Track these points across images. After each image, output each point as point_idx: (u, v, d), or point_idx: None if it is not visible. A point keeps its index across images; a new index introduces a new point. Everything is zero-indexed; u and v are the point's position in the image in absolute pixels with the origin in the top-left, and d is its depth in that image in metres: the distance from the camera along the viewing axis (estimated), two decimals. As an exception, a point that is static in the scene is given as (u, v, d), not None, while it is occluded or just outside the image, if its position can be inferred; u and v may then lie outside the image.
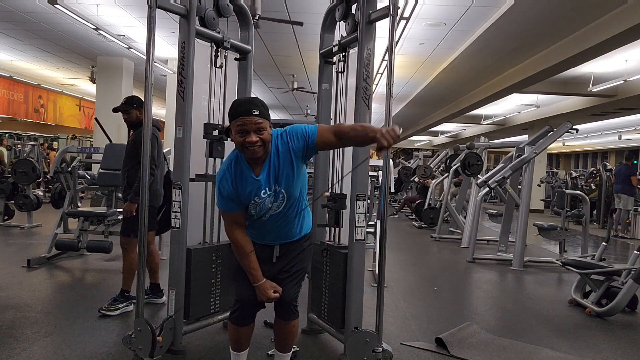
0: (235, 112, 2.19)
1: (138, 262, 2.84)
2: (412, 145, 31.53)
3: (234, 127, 2.19)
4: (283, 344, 2.58)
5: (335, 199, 3.21)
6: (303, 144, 2.25)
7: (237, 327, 2.48)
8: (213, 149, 3.28)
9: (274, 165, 2.27)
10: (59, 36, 9.47)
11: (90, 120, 18.53)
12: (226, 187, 2.25)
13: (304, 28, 7.57)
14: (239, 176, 2.26)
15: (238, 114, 2.17)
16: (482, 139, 9.59)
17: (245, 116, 2.15)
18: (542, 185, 16.05)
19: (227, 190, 2.25)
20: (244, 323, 2.47)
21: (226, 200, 2.27)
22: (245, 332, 2.51)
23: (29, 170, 7.72)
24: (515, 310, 4.54)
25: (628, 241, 9.42)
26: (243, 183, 2.26)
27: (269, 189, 2.28)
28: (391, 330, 3.64)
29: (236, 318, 2.46)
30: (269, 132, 2.22)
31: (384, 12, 2.72)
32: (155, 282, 4.05)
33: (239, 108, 2.19)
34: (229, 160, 2.31)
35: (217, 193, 2.32)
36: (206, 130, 3.25)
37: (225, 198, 2.27)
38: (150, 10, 2.68)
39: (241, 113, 2.17)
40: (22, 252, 5.77)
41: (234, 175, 2.26)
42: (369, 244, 5.66)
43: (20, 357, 2.93)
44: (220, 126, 3.31)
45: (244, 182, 2.26)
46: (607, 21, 6.57)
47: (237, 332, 2.50)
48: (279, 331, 2.56)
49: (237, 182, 2.26)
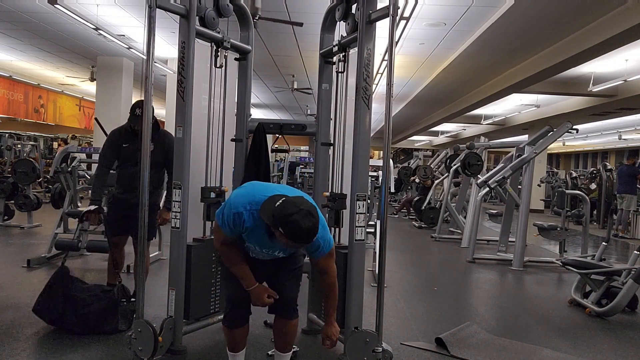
0: (295, 238, 2.11)
1: (138, 262, 2.84)
2: (412, 145, 31.53)
3: (285, 238, 2.12)
4: (283, 343, 2.58)
5: (335, 198, 3.21)
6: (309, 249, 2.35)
7: (231, 329, 2.48)
8: (210, 212, 3.27)
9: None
10: (59, 36, 9.46)
11: (90, 120, 18.52)
12: (241, 223, 2.23)
13: (304, 28, 7.57)
14: (259, 229, 2.25)
15: (297, 240, 2.12)
16: (482, 139, 9.59)
17: (304, 244, 2.19)
18: (542, 185, 16.05)
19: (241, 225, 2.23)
20: (237, 325, 2.47)
21: (230, 228, 2.27)
22: (240, 334, 2.51)
23: (29, 170, 7.72)
24: (515, 310, 4.54)
25: (628, 241, 9.42)
26: (256, 234, 2.27)
27: (272, 251, 2.36)
28: (391, 330, 3.64)
29: (229, 320, 2.47)
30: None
31: (384, 12, 2.72)
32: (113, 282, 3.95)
33: (302, 238, 2.12)
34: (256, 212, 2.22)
35: (226, 214, 2.27)
36: (203, 194, 3.24)
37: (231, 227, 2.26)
38: (150, 10, 2.68)
39: (302, 242, 2.15)
40: (22, 252, 5.77)
41: (255, 223, 2.24)
42: (369, 244, 5.65)
43: (20, 357, 2.93)
44: (217, 188, 3.31)
45: (258, 235, 2.28)
46: (607, 21, 6.57)
47: (232, 334, 2.50)
48: (279, 330, 2.56)
49: (253, 230, 2.26)
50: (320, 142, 3.49)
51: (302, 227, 2.08)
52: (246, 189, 2.36)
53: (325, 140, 3.47)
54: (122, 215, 3.79)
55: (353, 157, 2.92)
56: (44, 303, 3.31)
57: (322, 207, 3.32)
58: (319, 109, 3.53)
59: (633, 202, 10.02)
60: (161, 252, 5.63)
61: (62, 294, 3.30)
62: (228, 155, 3.54)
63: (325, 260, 2.39)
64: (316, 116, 3.58)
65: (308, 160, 8.07)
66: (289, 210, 2.07)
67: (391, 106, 2.71)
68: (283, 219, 2.07)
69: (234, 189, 3.57)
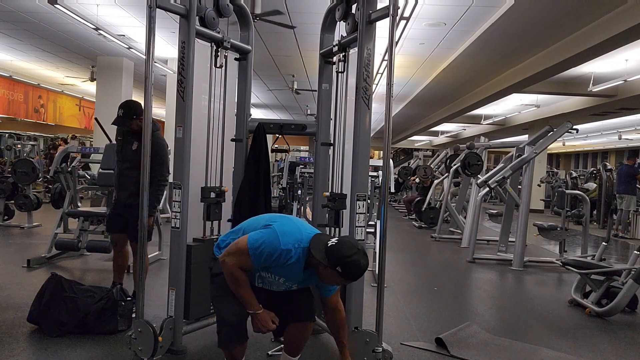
0: (353, 277, 2.26)
1: (138, 262, 2.84)
2: (412, 145, 31.53)
3: (337, 277, 2.22)
4: (296, 348, 2.55)
5: (335, 198, 3.21)
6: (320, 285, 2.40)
7: (229, 351, 2.39)
8: (210, 212, 3.28)
9: (312, 276, 2.35)
10: (59, 36, 9.46)
11: (90, 120, 18.52)
12: (283, 260, 2.24)
13: (304, 28, 7.58)
14: (295, 265, 2.27)
15: (354, 279, 2.28)
16: (482, 139, 9.58)
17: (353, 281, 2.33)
18: (542, 185, 16.05)
19: (281, 261, 2.24)
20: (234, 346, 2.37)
21: (264, 261, 2.25)
22: (238, 352, 2.41)
23: (29, 170, 7.72)
24: (515, 310, 4.54)
25: (628, 241, 9.42)
26: (288, 270, 2.29)
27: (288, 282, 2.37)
28: (391, 330, 3.64)
29: (225, 342, 2.36)
30: None
31: (384, 12, 2.72)
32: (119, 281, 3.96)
33: (358, 276, 2.30)
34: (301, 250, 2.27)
35: (265, 246, 2.24)
36: (203, 194, 3.24)
37: (267, 261, 2.24)
38: (150, 10, 2.68)
39: (354, 280, 2.30)
40: (22, 252, 5.77)
41: (294, 262, 2.26)
42: (369, 244, 5.65)
43: (20, 357, 2.93)
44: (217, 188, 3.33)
45: (291, 270, 2.29)
46: (607, 21, 6.57)
47: (230, 355, 2.40)
48: (295, 336, 2.50)
49: (288, 266, 2.27)
50: (320, 142, 3.49)
51: (362, 267, 2.24)
52: (290, 226, 2.34)
53: (325, 140, 3.47)
54: (117, 213, 3.85)
55: (353, 157, 2.92)
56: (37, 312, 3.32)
57: (322, 207, 3.33)
58: (319, 109, 3.53)
59: (633, 202, 10.02)
60: (161, 252, 5.63)
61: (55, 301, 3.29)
62: (228, 155, 3.54)
63: (336, 296, 2.48)
64: (316, 116, 3.58)
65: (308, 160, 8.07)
66: (348, 252, 2.20)
67: (391, 106, 2.70)
68: (343, 259, 2.18)
69: (234, 189, 3.60)
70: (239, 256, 2.28)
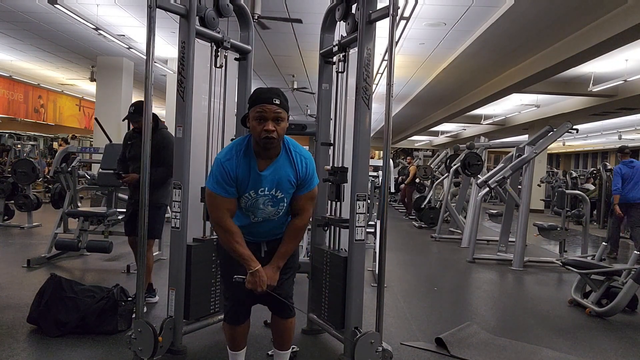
0: (257, 99, 2.22)
1: (137, 263, 2.84)
2: (412, 145, 31.53)
3: (252, 113, 2.22)
4: (281, 342, 2.57)
5: (336, 172, 3.20)
6: (300, 179, 2.33)
7: (234, 326, 2.47)
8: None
9: (279, 170, 2.29)
10: (59, 36, 9.47)
11: (90, 120, 18.53)
12: (229, 169, 2.22)
13: (304, 28, 7.58)
14: (244, 165, 2.26)
15: (259, 101, 2.21)
16: (482, 139, 9.59)
17: (266, 104, 2.19)
18: (542, 185, 16.05)
19: (230, 172, 2.22)
20: (240, 321, 2.46)
21: (223, 184, 2.24)
22: (242, 331, 2.50)
23: (29, 170, 7.72)
24: (515, 310, 4.54)
25: (628, 241, 9.42)
26: (245, 173, 2.26)
27: (267, 189, 2.29)
28: (391, 330, 3.64)
29: (231, 317, 2.45)
30: (285, 125, 2.26)
31: (384, 12, 2.72)
32: (149, 282, 4.06)
33: (261, 95, 2.22)
34: (237, 146, 2.29)
35: (214, 175, 2.26)
36: (203, 194, 3.22)
37: (223, 181, 2.23)
38: (150, 10, 2.68)
39: (262, 100, 2.20)
40: (22, 252, 5.77)
41: (238, 161, 2.25)
42: (369, 244, 5.66)
43: (20, 357, 2.93)
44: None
45: (247, 172, 2.26)
46: (607, 21, 6.57)
47: (234, 331, 2.49)
48: (277, 329, 2.55)
49: (240, 170, 2.25)
50: (320, 142, 3.49)
51: (262, 88, 2.26)
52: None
53: (325, 140, 3.47)
54: (131, 212, 3.99)
55: (353, 157, 2.92)
56: (37, 312, 3.32)
57: (324, 181, 3.31)
58: (319, 109, 3.53)
59: None
60: (161, 252, 5.63)
61: (55, 301, 3.30)
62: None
63: (306, 198, 2.38)
64: (316, 116, 3.58)
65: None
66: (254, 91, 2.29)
67: (391, 106, 2.70)
68: (249, 100, 2.26)
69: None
70: (213, 204, 2.28)
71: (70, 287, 3.40)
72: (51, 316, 3.26)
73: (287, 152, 2.32)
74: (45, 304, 3.30)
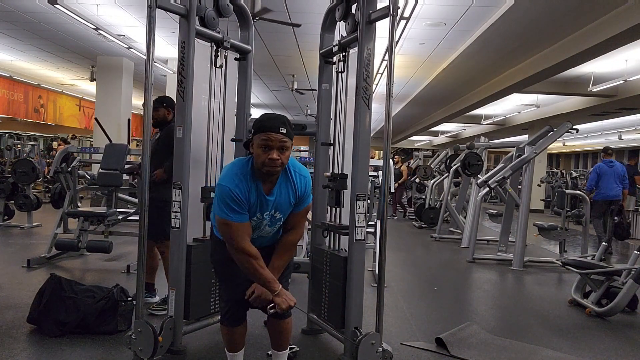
0: (263, 127, 2.17)
1: (137, 263, 2.84)
2: (412, 145, 31.53)
3: (257, 140, 2.18)
4: (279, 342, 2.57)
5: (336, 178, 3.20)
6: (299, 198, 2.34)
7: (232, 327, 2.47)
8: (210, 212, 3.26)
9: (282, 193, 2.30)
10: (59, 36, 9.47)
11: (90, 120, 18.52)
12: (240, 194, 2.19)
13: (304, 28, 7.57)
14: (253, 189, 2.24)
15: (265, 129, 2.16)
16: (482, 139, 9.58)
17: (272, 132, 2.15)
18: (542, 185, 16.05)
19: (242, 197, 2.19)
20: (237, 323, 2.47)
21: (238, 211, 2.20)
22: (240, 332, 2.51)
23: (29, 170, 7.72)
24: (515, 310, 4.54)
25: (628, 241, 9.42)
26: (255, 197, 2.25)
27: (270, 211, 2.31)
28: (391, 330, 3.64)
29: (229, 319, 2.45)
30: (289, 154, 2.24)
31: (384, 12, 2.72)
32: (151, 282, 4.05)
33: (267, 123, 2.17)
34: (241, 169, 2.24)
35: (225, 203, 2.19)
36: (203, 194, 3.23)
37: (238, 208, 2.19)
38: (150, 10, 2.68)
39: (268, 129, 2.16)
40: (22, 252, 5.77)
41: (249, 186, 2.23)
42: (369, 244, 5.66)
43: (20, 357, 2.93)
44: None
45: (256, 196, 2.25)
46: (607, 21, 6.57)
47: (233, 332, 2.49)
48: (274, 330, 2.56)
49: (251, 194, 2.24)
50: (320, 142, 3.49)
51: (268, 114, 2.24)
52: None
53: (325, 140, 3.47)
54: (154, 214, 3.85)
55: (353, 157, 2.92)
56: (37, 312, 3.32)
57: (323, 187, 3.32)
58: (319, 109, 3.53)
59: (632, 202, 10.01)
60: (161, 252, 5.62)
61: (55, 301, 3.29)
62: (228, 155, 3.53)
63: (301, 215, 2.40)
64: (316, 116, 3.58)
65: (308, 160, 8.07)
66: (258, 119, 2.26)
67: (391, 106, 2.71)
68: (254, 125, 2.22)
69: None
70: (231, 230, 2.22)
71: (70, 287, 3.40)
72: (51, 316, 3.26)
73: (286, 172, 2.31)
74: (45, 304, 3.29)
